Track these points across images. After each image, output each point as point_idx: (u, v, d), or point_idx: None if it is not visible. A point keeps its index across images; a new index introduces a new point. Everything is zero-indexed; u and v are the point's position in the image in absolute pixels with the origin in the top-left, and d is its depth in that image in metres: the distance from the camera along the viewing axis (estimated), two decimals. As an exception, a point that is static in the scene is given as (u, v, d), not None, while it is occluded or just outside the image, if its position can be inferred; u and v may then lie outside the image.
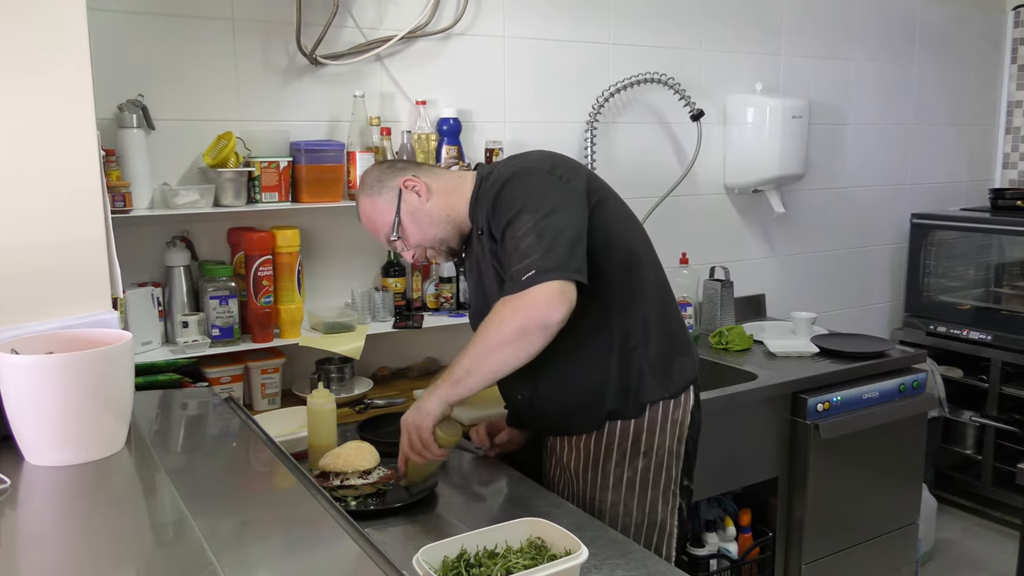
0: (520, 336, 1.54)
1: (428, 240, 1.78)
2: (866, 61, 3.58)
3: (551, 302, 1.52)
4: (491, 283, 1.73)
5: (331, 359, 2.35)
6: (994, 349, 3.42)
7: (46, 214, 1.25)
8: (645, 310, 1.72)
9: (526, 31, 2.72)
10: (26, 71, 1.21)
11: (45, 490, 1.09)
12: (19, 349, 1.13)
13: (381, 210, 1.79)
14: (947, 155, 3.98)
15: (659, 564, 1.43)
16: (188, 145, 2.22)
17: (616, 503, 1.75)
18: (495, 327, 1.56)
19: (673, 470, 1.76)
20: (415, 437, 1.62)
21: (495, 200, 1.65)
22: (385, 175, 1.81)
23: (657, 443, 1.73)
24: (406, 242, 1.79)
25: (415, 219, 1.77)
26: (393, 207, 1.77)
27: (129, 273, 2.04)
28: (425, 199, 1.76)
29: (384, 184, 1.79)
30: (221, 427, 1.41)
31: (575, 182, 1.68)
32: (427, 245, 1.79)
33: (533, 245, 1.55)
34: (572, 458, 1.78)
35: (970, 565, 3.26)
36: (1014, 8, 4.03)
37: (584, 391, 1.71)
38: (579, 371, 1.71)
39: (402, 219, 1.76)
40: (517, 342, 1.55)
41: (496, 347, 1.56)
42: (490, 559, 1.28)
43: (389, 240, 1.80)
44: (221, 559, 0.85)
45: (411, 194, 1.77)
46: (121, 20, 2.11)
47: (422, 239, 1.78)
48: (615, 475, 1.74)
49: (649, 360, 1.71)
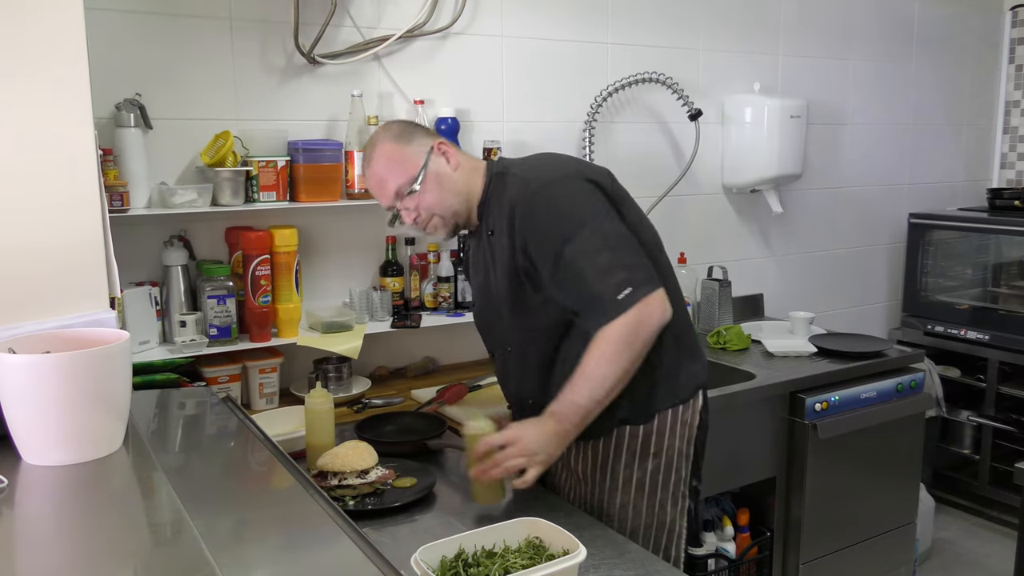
0: (640, 356, 1.57)
1: (443, 208, 1.72)
2: (864, 61, 3.58)
3: (662, 313, 1.56)
4: (500, 284, 1.71)
5: (329, 359, 2.35)
6: (992, 349, 3.42)
7: (43, 213, 1.25)
8: None
9: (524, 30, 2.72)
10: (24, 70, 1.21)
11: (42, 490, 1.09)
12: (16, 348, 1.13)
13: (406, 159, 1.71)
14: (945, 155, 3.98)
15: (657, 564, 1.43)
16: (186, 144, 2.21)
17: (625, 505, 1.73)
18: (617, 357, 1.54)
19: (682, 471, 1.75)
20: (517, 463, 1.53)
21: (530, 211, 1.62)
22: (416, 131, 1.76)
23: (667, 444, 1.72)
24: (419, 202, 1.71)
25: (439, 182, 1.71)
26: (421, 161, 1.70)
27: (127, 272, 2.04)
28: (453, 167, 1.73)
29: (415, 138, 1.74)
30: (219, 427, 1.41)
31: (606, 184, 1.68)
32: (439, 213, 1.73)
33: (613, 261, 1.55)
34: (580, 461, 1.76)
35: (968, 564, 3.27)
36: (1012, 8, 4.04)
37: None
38: None
39: (426, 177, 1.70)
40: (636, 362, 1.57)
41: (622, 379, 1.56)
42: (488, 559, 1.28)
43: (399, 193, 1.72)
44: (219, 559, 0.85)
45: (441, 158, 1.72)
46: (119, 19, 2.10)
47: (437, 205, 1.72)
48: (624, 476, 1.72)
49: (661, 368, 1.68)
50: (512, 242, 1.65)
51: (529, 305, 1.68)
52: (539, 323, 1.69)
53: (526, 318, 1.70)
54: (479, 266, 1.81)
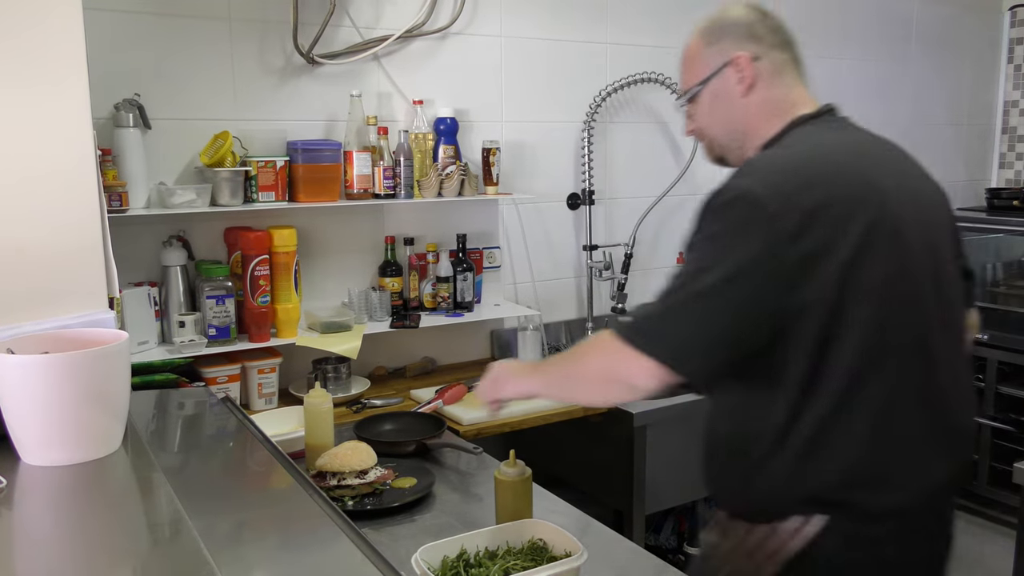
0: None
1: (710, 132, 1.45)
2: (863, 61, 3.58)
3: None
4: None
5: (328, 359, 2.35)
6: (991, 348, 3.42)
7: (42, 214, 1.25)
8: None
9: (523, 30, 2.72)
10: (23, 70, 1.21)
11: (41, 490, 1.09)
12: (15, 349, 1.13)
13: (695, 61, 1.43)
14: (944, 155, 3.98)
15: (658, 565, 1.42)
16: (185, 144, 2.21)
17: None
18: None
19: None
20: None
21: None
22: (734, 31, 1.40)
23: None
24: (692, 115, 1.46)
25: (715, 103, 1.42)
26: (710, 70, 1.40)
27: (125, 273, 2.04)
28: (743, 92, 1.39)
29: (720, 39, 1.40)
30: (218, 427, 1.41)
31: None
32: (709, 135, 1.46)
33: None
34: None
35: (967, 564, 3.26)
36: (1011, 8, 4.04)
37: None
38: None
39: (702, 93, 1.42)
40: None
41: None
42: (490, 560, 1.28)
43: (683, 94, 1.47)
44: (218, 559, 0.85)
45: (735, 74, 1.38)
46: (118, 19, 2.10)
47: (708, 127, 1.45)
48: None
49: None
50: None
51: None
52: None
53: None
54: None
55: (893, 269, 1.23)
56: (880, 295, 1.22)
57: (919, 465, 1.28)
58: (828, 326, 1.20)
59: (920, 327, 1.27)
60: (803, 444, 1.23)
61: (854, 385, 1.22)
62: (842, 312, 1.20)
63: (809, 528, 1.26)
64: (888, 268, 1.23)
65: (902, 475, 1.27)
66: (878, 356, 1.23)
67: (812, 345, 1.21)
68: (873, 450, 1.24)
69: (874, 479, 1.25)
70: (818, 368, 1.22)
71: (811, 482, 1.25)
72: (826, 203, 1.20)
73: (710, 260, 1.20)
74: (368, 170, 2.34)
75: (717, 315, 1.20)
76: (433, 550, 1.27)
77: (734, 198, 1.21)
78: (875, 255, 1.21)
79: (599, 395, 1.37)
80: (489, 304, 2.70)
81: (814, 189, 1.21)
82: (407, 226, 2.58)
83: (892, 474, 1.26)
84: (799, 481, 1.25)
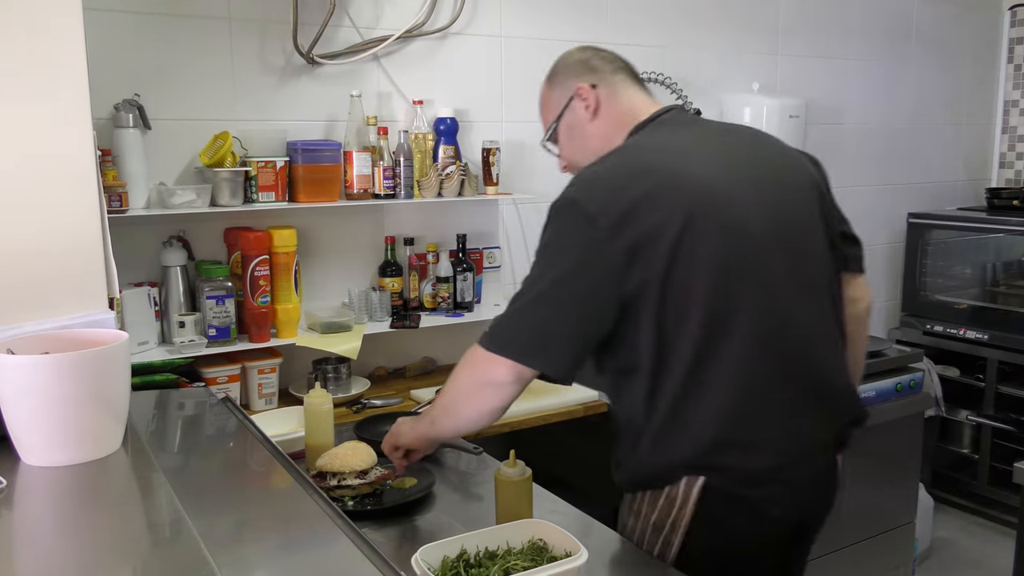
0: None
1: (575, 161, 1.59)
2: (863, 60, 3.59)
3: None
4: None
5: (328, 359, 2.35)
6: (991, 348, 3.42)
7: (42, 214, 1.25)
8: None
9: (523, 30, 2.72)
10: (22, 70, 1.21)
11: (41, 491, 1.09)
12: (15, 349, 1.13)
13: (547, 104, 1.63)
14: (943, 155, 3.98)
15: (658, 566, 1.42)
16: (185, 145, 2.21)
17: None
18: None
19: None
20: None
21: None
22: (569, 69, 1.60)
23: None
24: (560, 151, 1.63)
25: (570, 135, 1.59)
26: (559, 109, 1.59)
27: (125, 273, 2.04)
28: (590, 118, 1.56)
29: (564, 79, 1.60)
30: (218, 427, 1.41)
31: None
32: (577, 165, 1.58)
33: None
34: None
35: (967, 564, 3.27)
36: (1010, 8, 4.04)
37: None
38: None
39: (559, 128, 1.60)
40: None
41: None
42: (490, 560, 1.28)
43: (542, 142, 1.65)
44: (218, 559, 0.85)
45: (580, 104, 1.56)
46: (118, 19, 2.10)
47: (572, 156, 1.61)
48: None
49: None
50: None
51: None
52: None
53: None
54: None
55: (720, 246, 1.34)
56: (709, 271, 1.33)
57: (789, 428, 1.40)
58: (665, 305, 1.33)
59: (764, 296, 1.37)
60: (667, 414, 1.37)
61: (703, 356, 1.34)
62: (675, 291, 1.32)
63: (695, 490, 1.37)
64: (714, 246, 1.33)
65: (771, 438, 1.38)
66: (721, 327, 1.34)
67: (655, 323, 1.34)
68: (734, 415, 1.36)
69: (742, 443, 1.37)
70: (667, 343, 1.35)
71: (683, 448, 1.37)
72: (642, 199, 1.33)
73: (544, 265, 1.36)
74: (368, 170, 2.34)
75: (557, 312, 1.34)
76: (433, 550, 1.27)
77: (560, 207, 1.37)
78: (699, 236, 1.32)
79: (475, 406, 1.44)
80: (489, 304, 2.70)
81: (630, 189, 1.34)
82: (407, 226, 2.58)
83: (760, 437, 1.38)
84: (672, 448, 1.38)
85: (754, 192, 1.41)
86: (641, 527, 1.46)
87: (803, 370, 1.41)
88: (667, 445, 1.38)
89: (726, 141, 1.52)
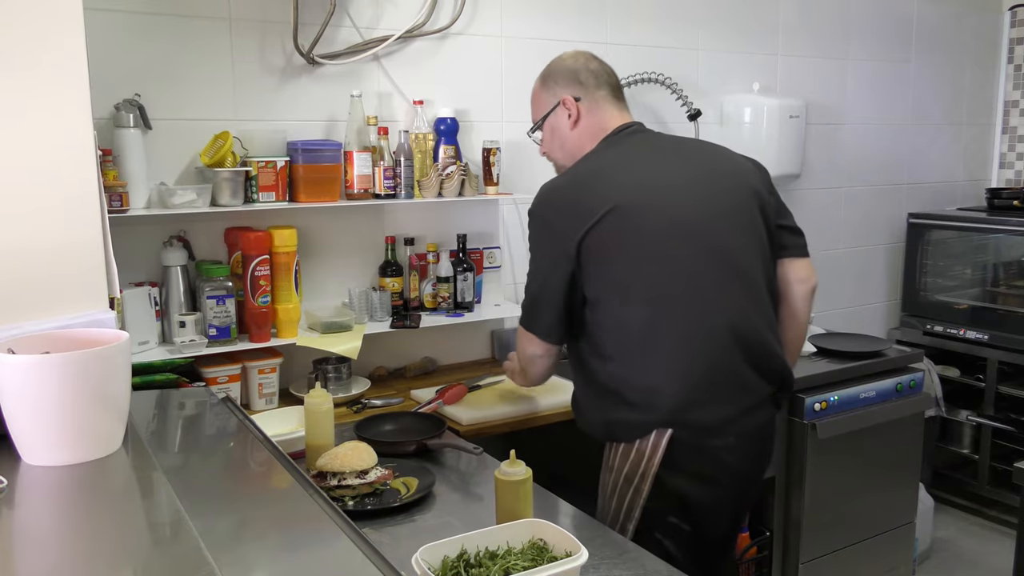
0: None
1: (553, 156, 1.93)
2: (863, 61, 3.59)
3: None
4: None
5: (328, 359, 2.35)
6: (991, 348, 3.42)
7: (43, 214, 1.25)
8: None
9: (523, 31, 2.72)
10: (22, 70, 1.21)
11: (42, 490, 1.09)
12: (16, 349, 1.13)
13: (537, 101, 1.93)
14: (944, 155, 3.98)
15: (657, 564, 1.43)
16: (185, 145, 2.21)
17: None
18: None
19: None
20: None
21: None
22: (563, 77, 1.88)
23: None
24: (542, 143, 1.94)
25: (553, 135, 1.89)
26: (547, 108, 1.89)
27: (126, 273, 2.04)
28: (571, 126, 1.86)
29: (553, 85, 1.89)
30: (218, 427, 1.41)
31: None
32: (553, 160, 1.94)
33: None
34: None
35: (967, 564, 3.27)
36: (1011, 8, 4.04)
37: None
38: None
39: (544, 127, 1.91)
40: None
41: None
42: (490, 560, 1.28)
43: (528, 132, 1.95)
44: (218, 559, 0.85)
45: (564, 112, 1.86)
46: (118, 19, 2.11)
47: (551, 151, 1.93)
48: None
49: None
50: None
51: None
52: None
53: None
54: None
55: (648, 229, 1.66)
56: (639, 261, 1.66)
57: (737, 388, 1.71)
58: (606, 281, 1.68)
59: (688, 280, 1.67)
60: (620, 378, 1.70)
61: (647, 332, 1.67)
62: (609, 278, 1.67)
63: (663, 440, 1.67)
64: (642, 229, 1.66)
65: (722, 397, 1.69)
66: (657, 305, 1.66)
67: (605, 301, 1.68)
68: (684, 378, 1.66)
69: (699, 401, 1.67)
70: (616, 317, 1.68)
71: (650, 406, 1.67)
72: (585, 200, 1.69)
73: (533, 264, 1.77)
74: (368, 170, 2.34)
75: (551, 300, 1.73)
76: (433, 550, 1.27)
77: (530, 216, 1.78)
78: (625, 218, 1.65)
79: (531, 372, 1.88)
80: (489, 304, 2.70)
81: (577, 198, 1.71)
82: (407, 226, 2.59)
83: (712, 397, 1.68)
84: (639, 408, 1.68)
85: (685, 187, 1.73)
86: (613, 480, 1.75)
87: (745, 340, 1.69)
88: (634, 405, 1.70)
89: (668, 148, 1.84)
